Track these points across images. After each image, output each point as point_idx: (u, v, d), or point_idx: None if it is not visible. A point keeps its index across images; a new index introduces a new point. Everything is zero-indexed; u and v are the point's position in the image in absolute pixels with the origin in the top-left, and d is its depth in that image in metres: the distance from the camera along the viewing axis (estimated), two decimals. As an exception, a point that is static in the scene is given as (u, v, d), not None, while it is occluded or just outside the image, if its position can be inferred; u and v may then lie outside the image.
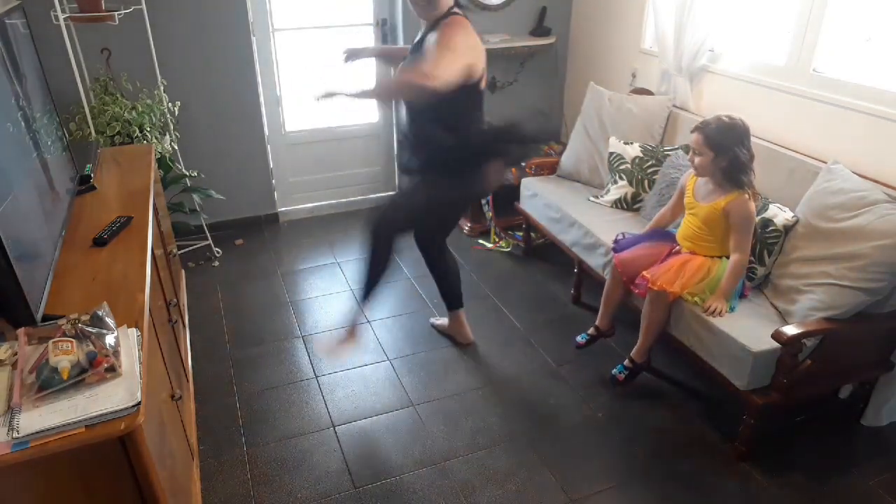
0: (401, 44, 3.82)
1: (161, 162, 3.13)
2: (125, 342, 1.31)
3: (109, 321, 1.31)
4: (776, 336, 2.02)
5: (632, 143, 3.09)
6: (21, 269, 1.27)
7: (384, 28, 3.86)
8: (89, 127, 2.87)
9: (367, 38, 3.89)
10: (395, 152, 3.90)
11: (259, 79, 3.63)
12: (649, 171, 3.00)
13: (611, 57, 3.82)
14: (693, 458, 2.22)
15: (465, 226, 3.90)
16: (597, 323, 2.73)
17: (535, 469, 2.16)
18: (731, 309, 2.27)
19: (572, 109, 4.12)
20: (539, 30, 4.02)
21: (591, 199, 3.19)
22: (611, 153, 3.15)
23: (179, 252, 3.17)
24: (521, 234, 3.69)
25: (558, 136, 4.29)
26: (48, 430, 1.10)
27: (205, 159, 3.59)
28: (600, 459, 2.21)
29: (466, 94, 2.16)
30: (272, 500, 2.05)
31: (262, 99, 3.68)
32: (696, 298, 2.30)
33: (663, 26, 3.20)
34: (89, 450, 1.13)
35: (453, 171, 2.29)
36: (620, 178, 3.08)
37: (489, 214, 3.80)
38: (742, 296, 2.36)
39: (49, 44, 2.68)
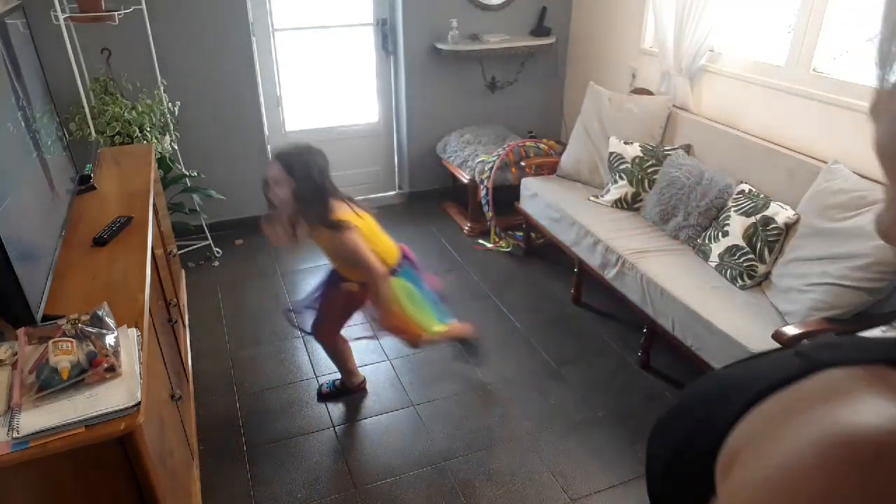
0: (400, 44, 3.82)
1: (161, 162, 3.13)
2: (125, 342, 1.31)
3: (109, 321, 1.31)
4: (776, 336, 2.02)
5: (632, 143, 3.09)
6: (21, 269, 1.27)
7: (384, 28, 3.86)
8: (89, 127, 2.87)
9: (368, 37, 3.89)
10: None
11: (259, 79, 3.63)
12: (649, 170, 3.00)
13: (611, 57, 3.82)
14: (693, 458, 2.22)
15: (466, 226, 3.90)
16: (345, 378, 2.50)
17: (535, 469, 2.16)
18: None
19: (572, 109, 4.11)
20: (539, 30, 4.02)
21: (592, 199, 3.18)
22: (611, 153, 3.15)
23: (179, 252, 3.17)
24: (521, 234, 3.69)
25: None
26: (48, 430, 1.10)
27: (205, 159, 3.59)
28: (600, 459, 2.21)
29: None
30: (272, 500, 2.05)
31: (262, 99, 3.68)
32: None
33: (663, 26, 3.20)
34: (89, 450, 1.13)
35: None
36: (620, 177, 3.08)
37: (489, 214, 3.80)
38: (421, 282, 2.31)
39: (49, 44, 2.68)
